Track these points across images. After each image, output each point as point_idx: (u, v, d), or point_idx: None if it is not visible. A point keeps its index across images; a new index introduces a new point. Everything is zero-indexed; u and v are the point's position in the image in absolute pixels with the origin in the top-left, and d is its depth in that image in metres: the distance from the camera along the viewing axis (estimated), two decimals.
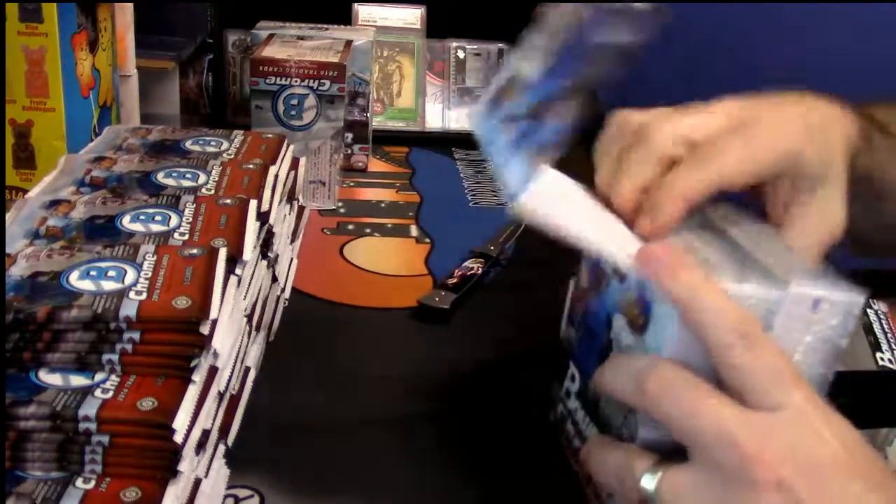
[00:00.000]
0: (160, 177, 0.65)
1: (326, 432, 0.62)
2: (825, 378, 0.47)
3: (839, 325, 0.46)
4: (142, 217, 0.59)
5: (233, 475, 0.54)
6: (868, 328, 1.29)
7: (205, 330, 0.49)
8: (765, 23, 1.43)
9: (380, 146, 1.20)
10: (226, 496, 0.54)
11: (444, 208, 1.04)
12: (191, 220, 0.59)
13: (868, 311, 1.25)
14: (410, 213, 1.02)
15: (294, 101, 0.94)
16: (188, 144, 0.72)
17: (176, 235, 0.57)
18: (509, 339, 0.74)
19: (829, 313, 0.45)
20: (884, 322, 1.30)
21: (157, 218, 0.59)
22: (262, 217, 0.63)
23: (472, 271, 0.85)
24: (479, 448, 0.62)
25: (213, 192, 0.63)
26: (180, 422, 0.45)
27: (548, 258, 0.62)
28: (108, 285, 0.50)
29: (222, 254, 0.55)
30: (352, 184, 1.08)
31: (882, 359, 1.48)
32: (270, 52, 0.96)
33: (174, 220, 0.59)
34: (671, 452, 0.44)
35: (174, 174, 0.65)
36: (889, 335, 1.29)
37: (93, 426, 0.45)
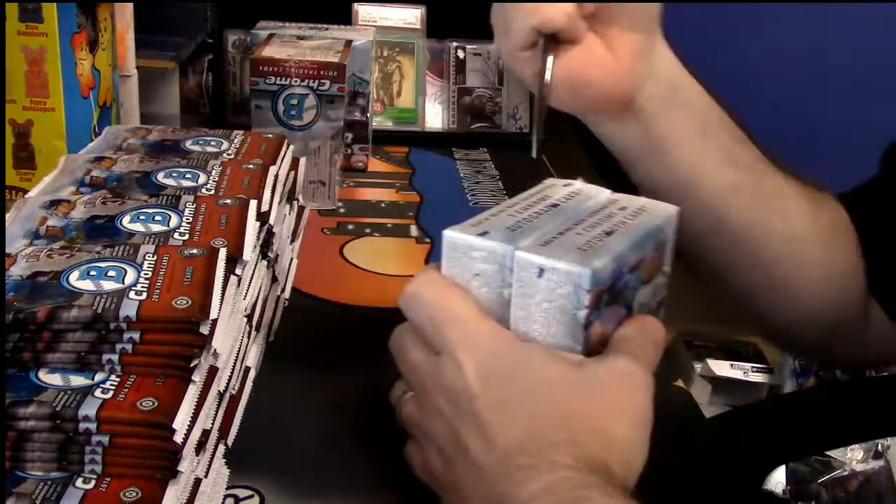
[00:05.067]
0: (160, 177, 0.65)
1: (326, 432, 0.62)
2: (573, 350, 0.49)
3: (570, 295, 0.47)
4: (142, 217, 0.59)
5: (233, 475, 0.54)
6: None
7: (205, 330, 0.49)
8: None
9: (380, 146, 1.19)
10: (226, 496, 0.54)
11: (444, 208, 1.04)
12: (191, 220, 0.59)
13: None
14: (410, 213, 1.02)
15: (294, 101, 0.94)
16: (188, 144, 0.72)
17: (176, 235, 0.57)
18: None
19: (556, 282, 0.48)
20: None
21: (157, 218, 0.59)
22: (262, 217, 0.63)
23: None
24: None
25: (213, 192, 0.63)
26: (180, 422, 0.45)
27: None
28: (108, 285, 0.50)
29: (222, 254, 0.55)
30: (352, 184, 1.08)
31: None
32: (270, 52, 0.96)
33: (174, 220, 0.59)
34: None
35: (174, 174, 0.65)
36: None
37: (93, 426, 0.45)
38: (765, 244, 0.64)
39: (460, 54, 1.26)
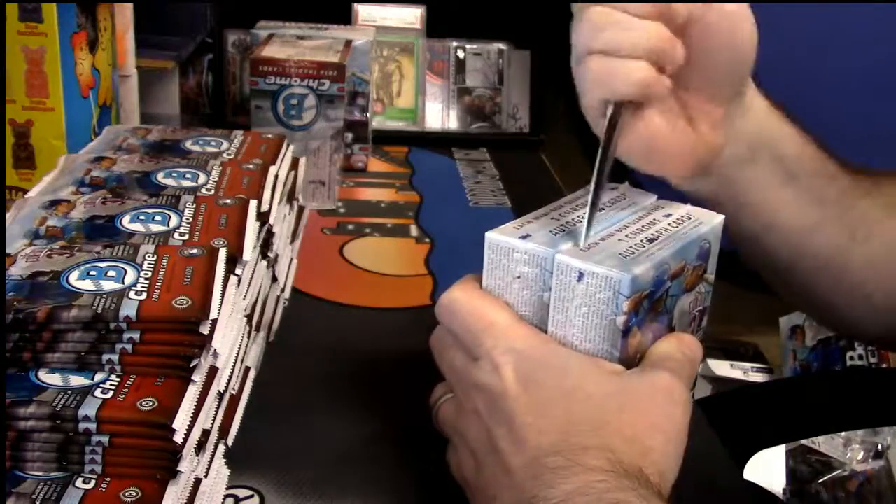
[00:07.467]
0: (160, 177, 0.65)
1: (326, 432, 0.62)
2: (611, 355, 0.48)
3: (609, 300, 0.47)
4: (142, 217, 0.59)
5: (233, 475, 0.54)
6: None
7: (205, 330, 0.49)
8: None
9: (380, 146, 1.19)
10: (226, 496, 0.54)
11: (444, 208, 1.04)
12: (191, 220, 0.59)
13: None
14: (410, 213, 1.02)
15: (294, 101, 0.94)
16: (188, 144, 0.72)
17: (176, 235, 0.58)
18: None
19: (595, 287, 0.47)
20: None
21: (157, 218, 0.59)
22: (262, 217, 0.63)
23: None
24: None
25: (213, 192, 0.63)
26: (180, 422, 0.45)
27: None
28: (108, 285, 0.50)
29: (222, 254, 0.55)
30: (352, 184, 1.08)
31: (852, 357, 1.49)
32: (270, 51, 0.96)
33: (174, 220, 0.59)
34: None
35: (174, 174, 0.65)
36: None
37: (93, 426, 0.45)
38: (846, 271, 0.63)
39: (460, 54, 1.26)
